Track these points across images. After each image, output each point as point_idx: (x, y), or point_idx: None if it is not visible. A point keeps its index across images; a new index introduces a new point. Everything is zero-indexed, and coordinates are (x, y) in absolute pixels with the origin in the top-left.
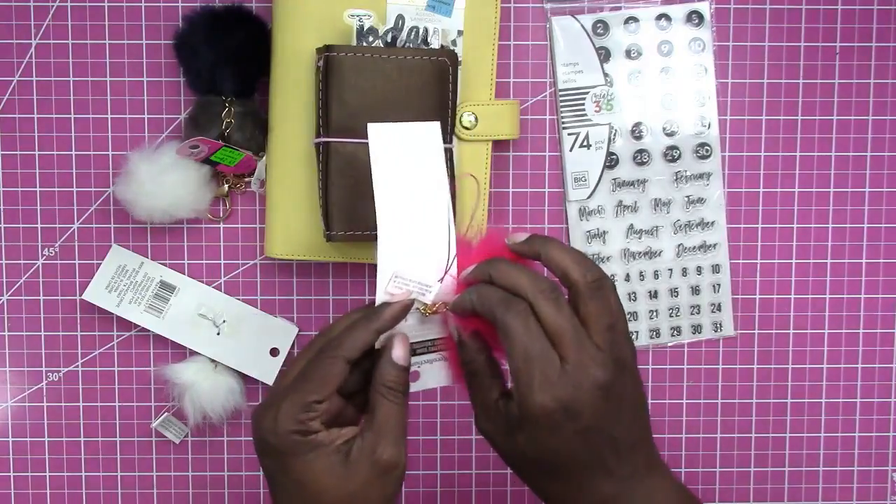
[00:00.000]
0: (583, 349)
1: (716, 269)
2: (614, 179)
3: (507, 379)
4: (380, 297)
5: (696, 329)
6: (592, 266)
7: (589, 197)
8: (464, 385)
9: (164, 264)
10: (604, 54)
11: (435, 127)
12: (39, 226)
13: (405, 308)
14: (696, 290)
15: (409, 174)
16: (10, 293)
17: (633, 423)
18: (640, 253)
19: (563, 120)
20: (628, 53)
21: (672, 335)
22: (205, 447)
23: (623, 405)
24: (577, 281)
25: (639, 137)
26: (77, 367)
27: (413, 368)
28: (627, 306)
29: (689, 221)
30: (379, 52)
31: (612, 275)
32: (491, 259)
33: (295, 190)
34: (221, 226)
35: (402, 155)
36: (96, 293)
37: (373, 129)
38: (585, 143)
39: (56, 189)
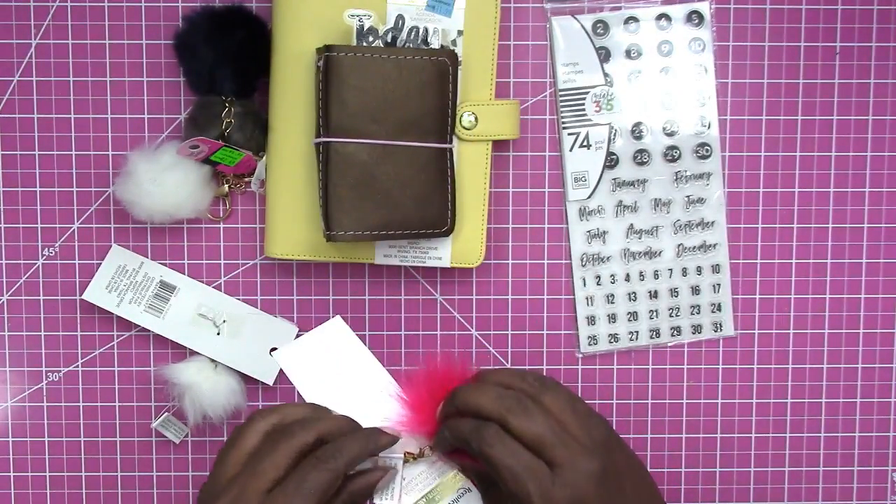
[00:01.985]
0: (566, 446)
1: (716, 269)
2: (614, 179)
3: None
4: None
5: (696, 329)
6: (525, 372)
7: (589, 197)
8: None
9: (164, 264)
10: (604, 54)
11: (337, 321)
12: (39, 226)
13: (395, 439)
14: (696, 290)
15: (336, 372)
16: (10, 293)
17: (640, 491)
18: (640, 253)
19: (563, 120)
20: (628, 53)
21: (672, 335)
22: (205, 447)
23: (623, 481)
24: (523, 390)
25: (639, 137)
26: (77, 367)
27: None
28: (627, 306)
29: (689, 221)
30: (379, 52)
31: (612, 275)
32: (455, 389)
33: (295, 190)
34: (221, 226)
35: (321, 361)
36: (96, 293)
37: (280, 354)
38: (585, 143)
39: (56, 189)
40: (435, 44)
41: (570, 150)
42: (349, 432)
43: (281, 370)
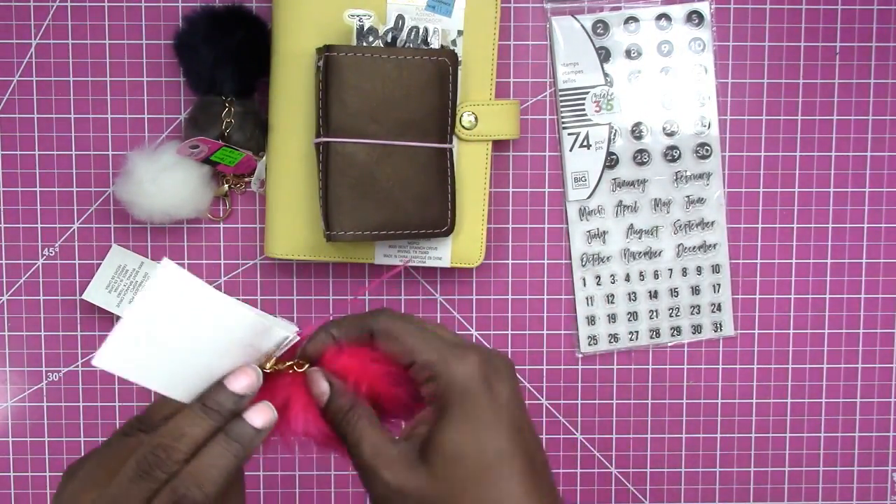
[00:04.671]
0: (473, 349)
1: (716, 269)
2: (614, 179)
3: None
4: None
5: (696, 329)
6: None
7: (589, 197)
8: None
9: None
10: (604, 54)
11: (168, 267)
12: (39, 226)
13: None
14: (696, 290)
15: (193, 339)
16: (10, 293)
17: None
18: (640, 253)
19: (563, 120)
20: (628, 53)
21: (672, 335)
22: None
23: (533, 433)
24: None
25: (639, 137)
26: (77, 367)
27: None
28: (627, 306)
29: (689, 221)
30: (379, 52)
31: (612, 275)
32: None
33: (295, 190)
34: (221, 226)
35: (166, 341)
36: (96, 293)
37: (104, 359)
38: (585, 143)
39: (56, 189)
40: (435, 44)
41: (570, 150)
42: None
43: None
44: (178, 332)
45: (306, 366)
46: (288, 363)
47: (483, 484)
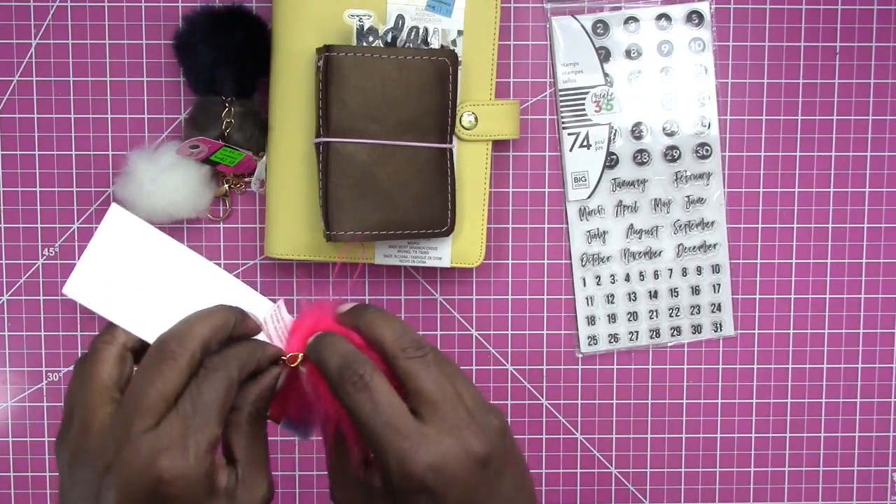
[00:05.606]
0: (454, 410)
1: (716, 269)
2: (614, 179)
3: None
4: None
5: (696, 329)
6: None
7: (589, 197)
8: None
9: None
10: (604, 54)
11: (115, 212)
12: (39, 226)
13: (278, 351)
14: (696, 290)
15: (151, 279)
16: (10, 293)
17: (521, 489)
18: (640, 253)
19: (563, 120)
20: (628, 53)
21: (672, 335)
22: None
23: (503, 481)
24: (406, 349)
25: (639, 137)
26: None
27: None
28: (627, 306)
29: (689, 221)
30: (379, 52)
31: (612, 275)
32: (361, 305)
33: (295, 190)
34: (221, 226)
35: (125, 275)
36: None
37: (73, 288)
38: (585, 143)
39: (56, 189)
40: (435, 44)
41: (570, 150)
42: (233, 335)
43: None
44: (139, 273)
45: (298, 359)
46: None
47: None
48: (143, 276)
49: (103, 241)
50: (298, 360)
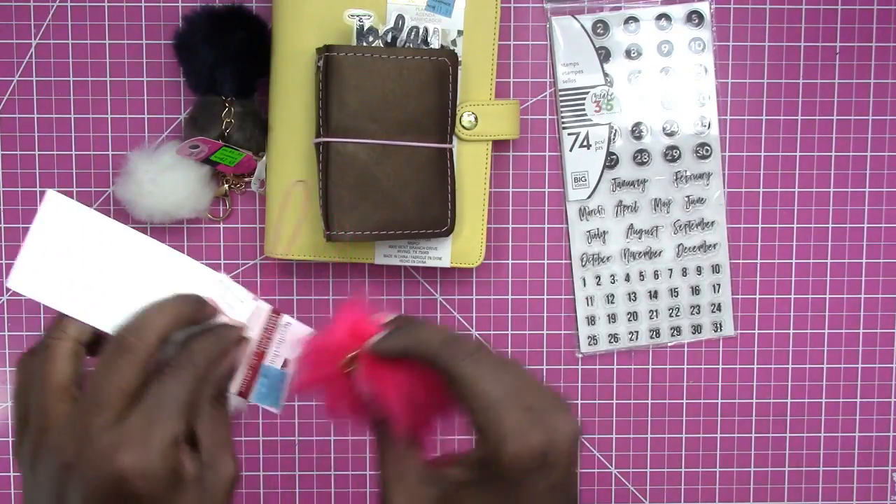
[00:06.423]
0: (542, 398)
1: (716, 269)
2: (614, 179)
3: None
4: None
5: (696, 329)
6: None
7: (589, 197)
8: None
9: None
10: (604, 54)
11: (51, 198)
12: None
13: (243, 332)
14: (696, 290)
15: (98, 265)
16: (10, 293)
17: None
18: (640, 253)
19: (563, 120)
20: (628, 53)
21: (672, 335)
22: None
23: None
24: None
25: (639, 137)
26: None
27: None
28: (627, 306)
29: (689, 221)
30: (379, 52)
31: (612, 275)
32: (403, 317)
33: (295, 190)
34: (221, 226)
35: (70, 263)
36: None
37: (15, 281)
38: (585, 143)
39: (56, 189)
40: (435, 44)
41: (570, 150)
42: (195, 326)
43: None
44: (84, 259)
45: (353, 364)
46: (350, 357)
47: None
48: (88, 261)
49: (43, 229)
50: (352, 358)
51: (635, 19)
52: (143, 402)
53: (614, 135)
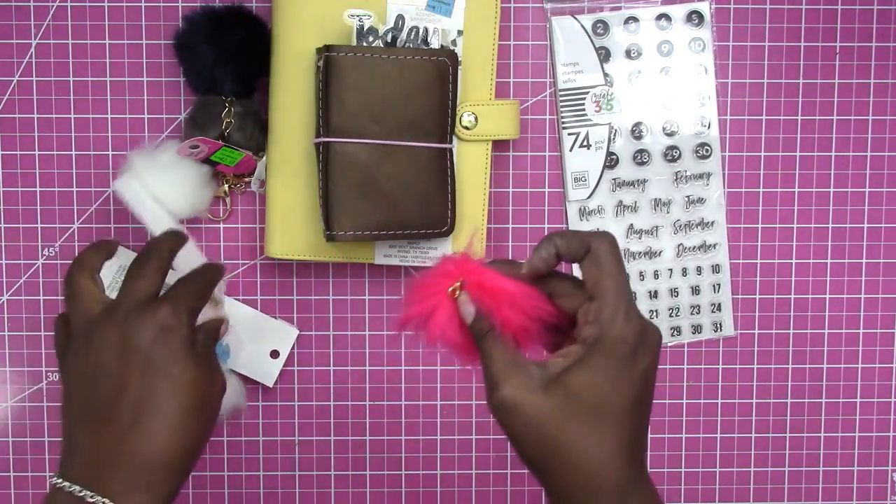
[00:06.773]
0: (645, 321)
1: (716, 269)
2: (614, 179)
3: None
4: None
5: (696, 329)
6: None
7: (589, 197)
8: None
9: None
10: (604, 54)
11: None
12: (39, 226)
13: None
14: (696, 290)
15: None
16: (10, 293)
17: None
18: (640, 253)
19: (563, 120)
20: (628, 53)
21: (672, 335)
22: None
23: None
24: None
25: (639, 137)
26: None
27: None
28: None
29: (689, 221)
30: (379, 52)
31: None
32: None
33: (295, 190)
34: (221, 226)
35: None
36: None
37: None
38: (585, 143)
39: (56, 189)
40: (435, 44)
41: (570, 150)
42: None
43: (280, 371)
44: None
45: (460, 290)
46: (457, 284)
47: (586, 427)
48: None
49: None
50: (458, 287)
51: (635, 19)
52: (170, 291)
53: (614, 135)
